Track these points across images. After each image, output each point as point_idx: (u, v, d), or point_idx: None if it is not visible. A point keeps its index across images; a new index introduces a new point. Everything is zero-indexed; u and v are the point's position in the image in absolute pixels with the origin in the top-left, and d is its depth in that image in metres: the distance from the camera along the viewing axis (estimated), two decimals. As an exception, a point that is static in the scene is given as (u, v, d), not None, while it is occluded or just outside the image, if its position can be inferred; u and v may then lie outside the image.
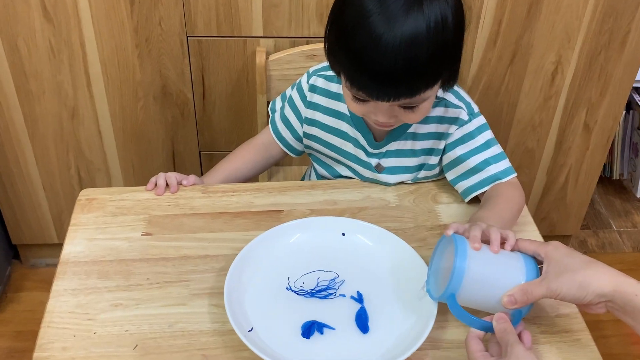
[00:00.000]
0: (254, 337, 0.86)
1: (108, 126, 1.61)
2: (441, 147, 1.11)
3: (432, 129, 1.10)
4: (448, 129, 1.09)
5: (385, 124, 0.99)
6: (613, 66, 1.59)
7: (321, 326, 0.89)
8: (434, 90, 0.95)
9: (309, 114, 1.16)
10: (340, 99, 1.12)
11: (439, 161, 1.13)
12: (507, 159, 1.10)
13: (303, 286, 0.94)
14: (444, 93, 1.07)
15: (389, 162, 1.14)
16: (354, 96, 0.96)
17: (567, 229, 1.95)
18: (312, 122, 1.17)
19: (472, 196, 1.10)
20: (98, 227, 1.05)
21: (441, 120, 1.09)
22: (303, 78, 1.17)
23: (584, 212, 1.92)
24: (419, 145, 1.12)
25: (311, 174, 1.30)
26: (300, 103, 1.17)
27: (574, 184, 1.83)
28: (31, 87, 1.53)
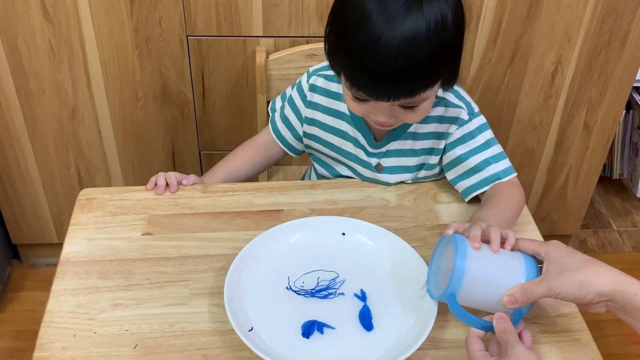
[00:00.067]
0: (254, 336, 0.86)
1: (108, 126, 1.61)
2: (441, 146, 1.11)
3: (432, 128, 1.10)
4: (448, 128, 1.09)
5: (385, 123, 0.99)
6: (613, 66, 1.59)
7: (321, 326, 0.89)
8: (434, 90, 0.95)
9: (309, 113, 1.16)
10: (340, 98, 1.12)
11: (439, 161, 1.13)
12: (507, 158, 1.10)
13: (303, 286, 0.94)
14: (444, 93, 1.07)
15: (389, 162, 1.14)
16: (354, 96, 0.96)
17: (567, 228, 1.95)
18: (312, 122, 1.16)
19: (472, 196, 1.10)
20: (98, 227, 1.05)
21: (441, 119, 1.09)
22: (303, 78, 1.17)
23: (584, 211, 1.92)
24: (419, 144, 1.11)
25: (311, 174, 1.30)
26: (300, 103, 1.17)
27: (574, 184, 1.83)
28: (31, 86, 1.53)
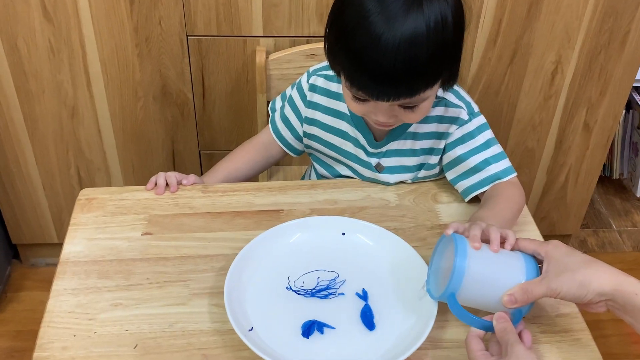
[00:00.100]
0: (254, 336, 0.86)
1: (108, 126, 1.61)
2: (441, 146, 1.11)
3: (432, 128, 1.10)
4: (448, 128, 1.09)
5: (385, 123, 0.99)
6: (613, 66, 1.59)
7: (321, 326, 0.89)
8: (433, 90, 0.95)
9: (309, 113, 1.16)
10: (340, 98, 1.12)
11: (439, 161, 1.13)
12: (507, 158, 1.10)
13: (303, 286, 0.94)
14: (444, 93, 1.07)
15: (389, 162, 1.14)
16: (354, 96, 0.96)
17: (567, 228, 1.95)
18: (312, 122, 1.16)
19: (472, 196, 1.10)
20: (98, 227, 1.05)
21: (441, 119, 1.09)
22: (303, 77, 1.17)
23: (584, 211, 1.92)
24: (419, 144, 1.11)
25: (311, 174, 1.30)
26: (300, 102, 1.17)
27: (574, 184, 1.83)
28: (31, 86, 1.53)
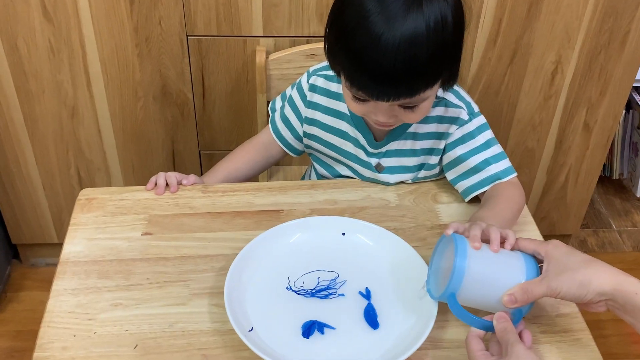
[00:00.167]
0: (254, 336, 0.86)
1: (108, 126, 1.61)
2: (441, 146, 1.11)
3: (432, 128, 1.10)
4: (448, 128, 1.09)
5: (385, 123, 0.99)
6: (613, 66, 1.59)
7: (321, 326, 0.89)
8: (433, 90, 0.95)
9: (309, 113, 1.16)
10: (340, 98, 1.12)
11: (439, 161, 1.13)
12: (507, 158, 1.10)
13: (303, 286, 0.94)
14: (444, 93, 1.07)
15: (389, 162, 1.14)
16: (354, 96, 0.96)
17: (567, 228, 1.95)
18: (312, 122, 1.16)
19: (473, 196, 1.10)
20: (98, 227, 1.05)
21: (441, 120, 1.09)
22: (303, 77, 1.17)
23: (584, 211, 1.92)
24: (419, 145, 1.11)
25: (311, 174, 1.30)
26: (300, 102, 1.17)
27: (574, 184, 1.83)
28: (31, 86, 1.52)
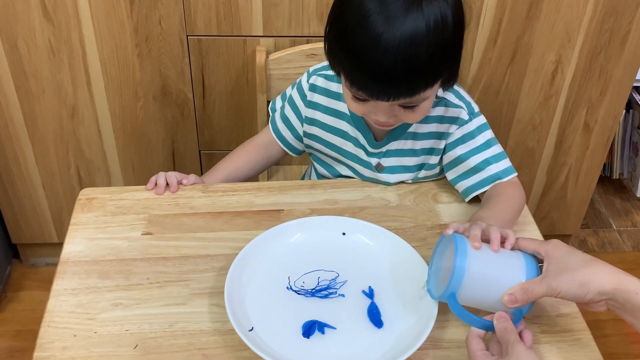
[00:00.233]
0: (254, 336, 0.86)
1: (108, 125, 1.61)
2: (441, 146, 1.11)
3: (433, 128, 1.10)
4: (448, 128, 1.09)
5: (385, 123, 0.99)
6: (613, 66, 1.59)
7: (322, 326, 0.88)
8: (434, 90, 0.95)
9: (309, 113, 1.16)
10: (340, 98, 1.12)
11: (439, 161, 1.13)
12: (507, 158, 1.10)
13: (303, 286, 0.94)
14: (444, 92, 1.07)
15: (389, 162, 1.14)
16: (354, 96, 0.95)
17: (567, 228, 1.95)
18: (312, 122, 1.16)
19: (473, 196, 1.10)
20: (98, 227, 1.05)
21: (441, 119, 1.09)
22: (303, 77, 1.17)
23: (584, 211, 1.92)
24: (419, 144, 1.11)
25: (311, 174, 1.30)
26: (301, 102, 1.17)
27: (574, 184, 1.83)
28: (31, 86, 1.52)
